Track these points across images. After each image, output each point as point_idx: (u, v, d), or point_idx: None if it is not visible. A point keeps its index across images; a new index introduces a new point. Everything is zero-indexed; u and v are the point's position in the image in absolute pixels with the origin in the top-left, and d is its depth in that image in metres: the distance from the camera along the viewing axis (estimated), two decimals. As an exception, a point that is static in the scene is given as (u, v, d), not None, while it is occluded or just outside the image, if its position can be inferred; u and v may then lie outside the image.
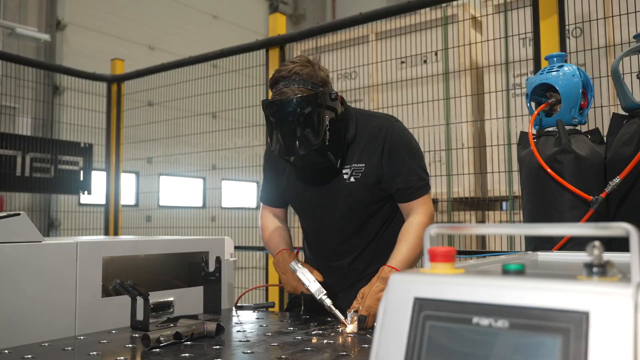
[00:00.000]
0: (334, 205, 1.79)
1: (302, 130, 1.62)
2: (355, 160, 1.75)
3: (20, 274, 1.46)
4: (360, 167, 1.74)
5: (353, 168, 1.75)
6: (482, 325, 0.65)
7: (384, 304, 0.73)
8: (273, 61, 3.00)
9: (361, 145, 1.76)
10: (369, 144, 1.75)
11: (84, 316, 1.61)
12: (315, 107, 1.62)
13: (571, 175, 1.58)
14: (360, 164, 1.74)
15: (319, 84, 1.67)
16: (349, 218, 1.79)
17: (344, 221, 1.80)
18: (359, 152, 1.76)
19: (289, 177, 1.89)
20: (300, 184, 1.86)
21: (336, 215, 1.80)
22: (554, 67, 1.70)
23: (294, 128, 1.62)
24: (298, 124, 1.61)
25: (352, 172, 1.75)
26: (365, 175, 1.74)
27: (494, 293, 0.65)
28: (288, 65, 1.67)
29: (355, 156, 1.76)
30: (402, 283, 0.73)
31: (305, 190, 1.85)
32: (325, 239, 1.86)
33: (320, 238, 1.89)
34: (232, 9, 8.26)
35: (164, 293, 1.86)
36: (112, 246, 1.72)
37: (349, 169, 1.76)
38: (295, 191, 1.89)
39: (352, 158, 1.76)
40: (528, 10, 2.74)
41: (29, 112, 4.81)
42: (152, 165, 5.69)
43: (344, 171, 1.76)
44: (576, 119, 1.67)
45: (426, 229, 0.78)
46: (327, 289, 1.72)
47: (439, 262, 0.75)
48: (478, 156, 3.31)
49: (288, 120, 1.62)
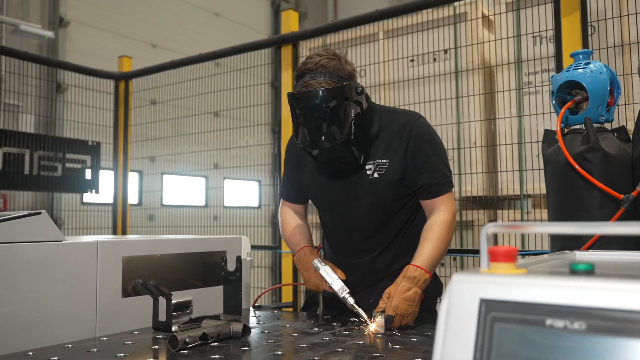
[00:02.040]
0: (357, 201, 1.76)
1: (328, 123, 1.60)
2: (379, 156, 1.73)
3: (41, 274, 1.43)
4: (384, 162, 1.72)
5: (377, 164, 1.73)
6: (556, 328, 0.62)
7: (446, 305, 0.71)
8: (286, 58, 2.98)
9: (385, 141, 1.74)
10: (393, 140, 1.73)
11: (105, 317, 1.58)
12: (342, 100, 1.60)
13: (600, 173, 1.56)
14: (384, 159, 1.72)
15: (345, 78, 1.65)
16: (371, 215, 1.77)
17: (366, 218, 1.77)
18: (383, 148, 1.73)
19: (311, 172, 1.86)
20: (322, 179, 1.83)
21: (359, 212, 1.77)
22: (580, 64, 1.68)
23: (320, 121, 1.59)
24: (324, 116, 1.59)
25: (376, 168, 1.73)
26: (389, 171, 1.71)
27: (567, 294, 0.63)
28: (314, 58, 1.65)
29: (379, 152, 1.73)
30: (466, 284, 0.70)
31: (328, 186, 1.82)
32: (347, 236, 1.83)
33: (341, 235, 1.86)
34: (234, 7, 8.22)
35: (181, 293, 1.83)
36: (131, 245, 1.69)
37: (373, 164, 1.73)
38: (317, 187, 1.86)
39: (376, 154, 1.73)
40: (541, 9, 2.73)
41: (32, 109, 4.76)
42: (155, 164, 5.66)
43: (367, 167, 1.73)
44: (603, 116, 1.65)
45: (484, 228, 0.75)
46: (349, 287, 1.70)
47: (501, 262, 0.73)
48: (489, 155, 3.30)
49: (313, 113, 1.59)
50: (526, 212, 3.09)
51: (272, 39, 3.09)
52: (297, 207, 1.99)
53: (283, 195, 2.01)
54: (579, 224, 0.72)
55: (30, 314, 1.40)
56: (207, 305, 1.89)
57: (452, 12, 3.40)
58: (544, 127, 2.94)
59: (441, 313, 0.71)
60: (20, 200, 4.77)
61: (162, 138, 4.56)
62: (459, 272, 0.73)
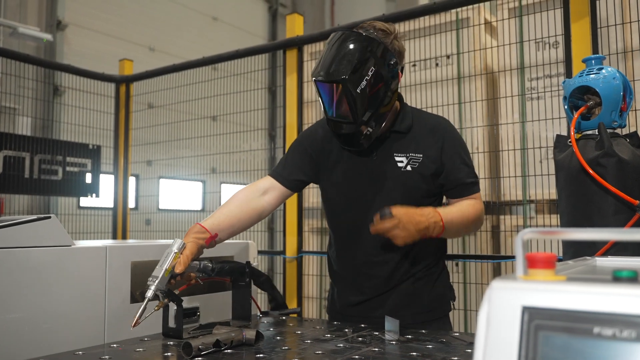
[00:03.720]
0: (386, 193, 1.71)
1: (347, 61, 1.58)
2: (412, 150, 1.72)
3: (50, 279, 1.41)
4: (418, 157, 1.71)
5: (410, 157, 1.71)
6: (604, 336, 0.61)
7: (486, 313, 0.69)
8: (290, 62, 2.96)
9: (417, 138, 1.74)
10: (426, 138, 1.73)
11: (113, 323, 1.55)
12: (370, 55, 1.60)
13: (614, 179, 1.55)
14: (418, 154, 1.72)
15: (388, 44, 1.66)
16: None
17: None
18: (416, 143, 1.73)
19: (337, 160, 1.78)
20: (348, 167, 1.76)
21: (385, 204, 1.62)
22: (593, 69, 1.67)
23: (341, 57, 1.59)
24: (348, 56, 1.58)
25: (409, 161, 1.71)
26: (423, 165, 1.71)
27: (616, 301, 0.62)
28: (370, 22, 1.71)
29: (412, 146, 1.72)
30: (507, 291, 0.69)
31: (354, 175, 1.75)
32: (364, 236, 1.70)
33: (358, 236, 1.74)
34: (232, 11, 8.21)
35: (188, 299, 1.80)
36: (140, 250, 1.67)
37: (406, 157, 1.71)
38: (341, 174, 1.77)
39: (409, 147, 1.73)
40: (545, 15, 2.73)
41: (29, 112, 4.72)
42: (152, 168, 5.62)
43: (399, 159, 1.72)
44: (616, 122, 1.65)
45: (519, 234, 0.74)
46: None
47: (540, 269, 0.72)
48: (492, 160, 3.29)
49: (340, 50, 1.60)
50: (529, 218, 3.08)
51: (277, 42, 3.07)
52: (270, 185, 1.80)
53: (273, 174, 1.83)
54: (617, 231, 0.71)
55: (39, 320, 1.37)
56: (214, 311, 1.86)
57: (455, 18, 3.40)
58: (547, 132, 2.95)
59: (481, 320, 0.70)
60: (17, 204, 4.71)
61: (159, 142, 4.53)
62: (498, 279, 0.71)
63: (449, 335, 1.54)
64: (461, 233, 1.74)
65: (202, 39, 7.45)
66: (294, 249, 2.91)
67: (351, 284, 1.81)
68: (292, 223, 2.94)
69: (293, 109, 2.95)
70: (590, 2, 2.02)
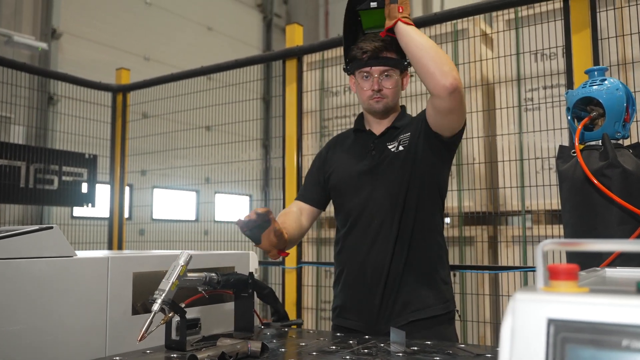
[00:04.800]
0: (380, 175, 1.86)
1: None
2: (402, 133, 1.88)
3: (53, 291, 1.38)
4: (407, 135, 1.86)
5: (400, 139, 1.86)
6: (633, 348, 0.60)
7: (510, 325, 0.68)
8: (290, 72, 2.96)
9: (408, 127, 1.90)
10: (413, 123, 1.91)
11: (115, 335, 1.53)
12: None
13: (619, 189, 1.56)
14: (405, 134, 1.87)
15: None
16: (391, 190, 1.83)
17: (388, 196, 1.84)
18: (405, 130, 1.90)
19: (339, 162, 1.99)
20: (349, 163, 1.95)
21: (380, 191, 1.85)
22: (596, 80, 1.68)
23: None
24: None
25: (400, 143, 1.86)
26: (412, 138, 1.85)
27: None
28: None
29: (402, 132, 1.89)
30: (531, 303, 0.68)
31: (353, 169, 1.93)
32: (366, 224, 1.86)
33: (360, 225, 1.88)
34: (227, 21, 8.23)
35: (188, 310, 1.78)
36: (142, 261, 1.64)
37: (396, 141, 1.86)
38: (343, 170, 1.96)
39: (400, 134, 1.88)
40: (541, 26, 2.76)
41: (22, 121, 4.68)
42: (146, 178, 5.59)
43: (391, 145, 1.86)
44: (620, 133, 1.66)
45: (540, 245, 0.73)
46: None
47: (562, 280, 0.71)
48: (488, 171, 3.30)
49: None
50: (528, 228, 3.09)
51: (277, 52, 3.07)
52: (302, 205, 2.04)
53: (298, 197, 2.10)
54: (637, 242, 0.71)
55: (41, 331, 1.35)
56: (215, 323, 1.84)
57: (452, 29, 3.42)
58: (544, 143, 2.97)
59: (505, 333, 0.69)
60: (9, 214, 4.65)
61: (153, 152, 4.51)
62: (521, 290, 0.71)
63: (455, 347, 1.53)
64: (423, 49, 1.68)
65: (197, 48, 7.45)
66: (293, 259, 2.89)
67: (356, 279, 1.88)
68: (291, 233, 2.92)
69: (292, 119, 2.95)
70: (591, 13, 2.04)
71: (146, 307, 1.61)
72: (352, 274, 1.90)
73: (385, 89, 1.86)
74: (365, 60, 1.86)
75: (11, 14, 5.37)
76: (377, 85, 1.84)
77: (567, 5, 2.13)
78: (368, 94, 1.86)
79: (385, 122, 1.94)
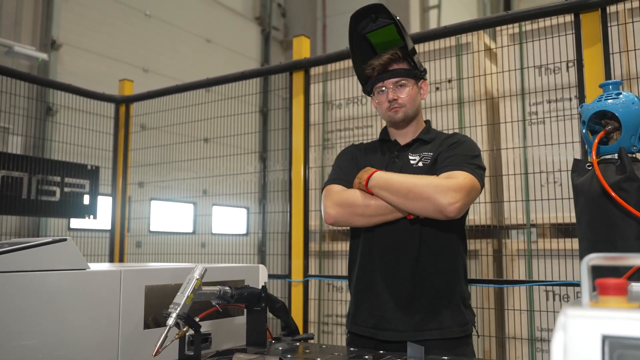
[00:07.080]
0: None
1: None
2: (426, 150, 1.88)
3: (65, 304, 1.35)
4: (429, 154, 1.86)
5: (423, 156, 1.87)
6: (693, 366, 0.59)
7: (562, 342, 0.67)
8: (297, 84, 2.95)
9: (436, 145, 1.90)
10: (443, 144, 1.88)
11: (127, 349, 1.49)
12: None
13: (637, 203, 1.55)
14: (430, 152, 1.87)
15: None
16: None
17: None
18: (432, 147, 1.89)
19: (367, 160, 1.97)
20: (374, 162, 1.94)
21: None
22: (612, 94, 1.68)
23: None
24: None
25: (421, 159, 1.87)
26: (434, 161, 1.84)
27: None
28: None
29: (428, 148, 1.89)
30: (584, 319, 0.66)
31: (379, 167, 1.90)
32: (385, 235, 1.86)
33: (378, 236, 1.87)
34: (225, 34, 8.25)
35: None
36: (154, 274, 1.62)
37: (419, 156, 1.87)
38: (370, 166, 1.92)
39: (424, 149, 1.88)
40: (543, 42, 2.78)
41: (20, 130, 4.64)
42: (143, 190, 5.54)
43: (412, 158, 1.87)
44: (636, 146, 1.65)
45: (585, 259, 0.72)
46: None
47: (612, 296, 0.70)
48: (492, 185, 3.30)
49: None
50: (533, 242, 3.08)
51: (284, 65, 3.07)
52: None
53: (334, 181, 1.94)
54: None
55: (53, 346, 1.31)
56: (225, 337, 1.81)
57: (455, 43, 3.44)
58: (549, 156, 2.97)
59: (556, 349, 0.67)
60: (5, 225, 4.59)
61: (151, 164, 4.48)
62: (571, 306, 0.69)
63: (473, 362, 1.51)
64: (396, 192, 1.73)
65: (196, 60, 7.46)
66: (300, 273, 2.86)
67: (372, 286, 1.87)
68: (298, 245, 2.89)
69: (299, 130, 2.94)
70: (602, 28, 2.06)
71: (157, 321, 1.59)
72: (369, 284, 1.90)
73: (401, 98, 1.86)
74: (376, 76, 1.88)
75: (11, 25, 5.35)
76: (392, 95, 1.85)
77: (578, 19, 2.14)
78: (385, 105, 1.87)
79: (409, 135, 1.96)
